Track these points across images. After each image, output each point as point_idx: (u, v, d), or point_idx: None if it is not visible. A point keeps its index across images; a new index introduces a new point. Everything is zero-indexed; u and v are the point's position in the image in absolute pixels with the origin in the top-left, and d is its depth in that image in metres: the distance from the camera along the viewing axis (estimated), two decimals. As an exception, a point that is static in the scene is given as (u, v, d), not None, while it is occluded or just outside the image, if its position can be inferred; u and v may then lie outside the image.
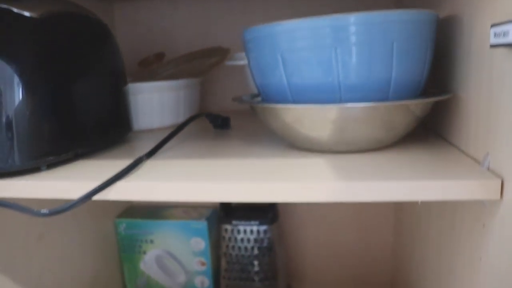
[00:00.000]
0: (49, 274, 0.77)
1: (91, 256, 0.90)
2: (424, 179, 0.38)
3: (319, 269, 1.02)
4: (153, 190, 0.42)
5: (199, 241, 0.94)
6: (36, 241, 0.74)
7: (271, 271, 0.91)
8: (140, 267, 0.99)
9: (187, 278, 0.97)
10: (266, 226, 0.90)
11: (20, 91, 0.46)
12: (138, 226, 0.96)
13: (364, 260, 1.00)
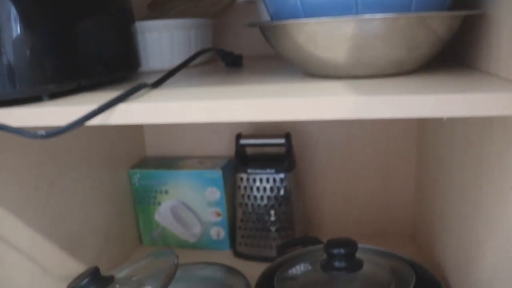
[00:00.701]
0: (61, 221, 0.76)
1: (105, 207, 0.89)
2: (450, 93, 0.35)
3: (337, 219, 1.00)
4: (160, 111, 0.39)
5: (215, 191, 0.92)
6: (48, 187, 0.73)
7: (288, 221, 0.89)
8: (155, 218, 0.98)
9: (202, 229, 0.96)
10: (283, 174, 0.87)
11: (21, 17, 0.43)
12: (152, 176, 0.95)
13: (384, 211, 0.97)
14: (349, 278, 0.62)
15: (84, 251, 0.81)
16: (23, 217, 0.68)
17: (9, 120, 0.43)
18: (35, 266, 0.70)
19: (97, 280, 0.63)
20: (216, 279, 0.74)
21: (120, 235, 0.94)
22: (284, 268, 0.68)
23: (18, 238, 0.67)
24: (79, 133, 0.80)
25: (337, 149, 0.95)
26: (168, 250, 0.70)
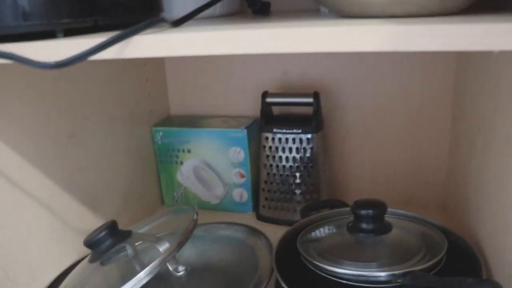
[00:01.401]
0: (80, 175, 0.74)
1: (127, 164, 0.87)
2: (502, 22, 0.31)
3: (364, 185, 0.96)
4: (180, 43, 0.35)
5: (239, 151, 0.89)
6: (67, 140, 0.71)
7: (313, 185, 0.85)
8: (177, 178, 0.96)
9: (225, 191, 0.94)
10: (310, 134, 0.83)
11: None
12: (175, 134, 0.92)
13: (414, 177, 0.93)
14: (376, 241, 0.59)
15: (104, 207, 0.80)
16: (43, 168, 0.66)
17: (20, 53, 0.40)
18: (54, 219, 0.69)
19: (115, 234, 0.61)
20: (238, 239, 0.72)
21: (141, 194, 0.92)
22: (308, 230, 0.66)
23: (37, 189, 0.65)
24: (100, 86, 0.78)
25: (367, 111, 0.91)
26: (188, 206, 0.68)
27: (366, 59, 0.88)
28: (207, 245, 0.70)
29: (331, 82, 0.91)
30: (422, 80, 0.86)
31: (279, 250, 0.61)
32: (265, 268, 0.60)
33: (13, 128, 0.61)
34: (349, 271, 0.53)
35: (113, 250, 0.61)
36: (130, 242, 0.62)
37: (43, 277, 0.67)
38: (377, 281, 0.53)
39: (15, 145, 0.61)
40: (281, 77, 0.93)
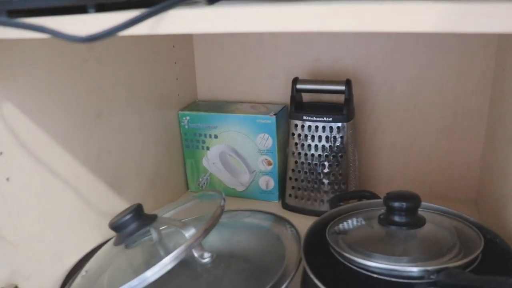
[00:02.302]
0: (107, 156, 0.73)
1: (153, 148, 0.86)
2: None
3: (394, 178, 0.93)
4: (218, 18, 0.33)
5: (266, 138, 0.87)
6: (95, 120, 0.70)
7: (342, 175, 0.83)
8: (202, 164, 0.95)
9: (251, 178, 0.92)
10: (340, 123, 0.81)
11: None
12: (202, 119, 0.91)
13: (446, 172, 0.90)
14: (408, 235, 0.57)
15: (129, 190, 0.79)
16: (70, 147, 0.65)
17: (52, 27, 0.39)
18: (80, 199, 0.68)
19: (140, 217, 0.61)
20: (263, 227, 0.70)
21: (166, 179, 0.91)
22: (337, 221, 0.64)
23: (64, 169, 0.65)
24: (129, 68, 0.77)
25: (400, 102, 0.88)
26: (214, 192, 0.67)
27: (401, 48, 0.85)
28: (232, 233, 0.69)
29: (363, 70, 0.89)
30: (459, 71, 0.83)
31: (307, 240, 0.59)
32: (292, 258, 0.59)
33: (42, 107, 0.60)
34: (380, 264, 0.51)
35: (138, 234, 0.60)
36: (155, 226, 0.61)
37: (68, 257, 0.67)
38: (409, 276, 0.51)
39: (44, 124, 0.61)
40: (313, 63, 0.91)
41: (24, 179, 0.58)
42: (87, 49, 0.67)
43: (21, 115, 0.57)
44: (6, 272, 0.57)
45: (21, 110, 0.57)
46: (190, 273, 0.58)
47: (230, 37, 0.95)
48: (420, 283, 0.50)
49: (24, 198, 0.58)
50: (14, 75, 0.55)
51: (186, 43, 0.96)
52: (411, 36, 0.83)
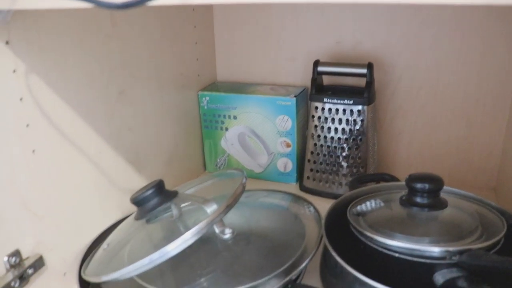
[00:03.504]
0: (128, 134, 0.74)
1: (172, 127, 0.86)
2: None
3: (412, 164, 0.93)
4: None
5: (286, 120, 0.87)
6: (117, 96, 0.70)
7: (361, 158, 0.83)
8: (221, 144, 0.95)
9: (269, 160, 0.92)
10: (361, 106, 0.81)
11: None
12: (221, 100, 0.91)
13: (465, 160, 0.89)
14: (430, 217, 0.57)
15: (148, 169, 0.80)
16: (92, 124, 0.66)
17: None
18: (101, 175, 0.69)
19: (161, 192, 0.61)
20: (283, 206, 0.70)
21: (184, 159, 0.92)
22: (357, 202, 0.64)
23: (86, 144, 0.65)
24: (150, 47, 0.77)
25: (421, 86, 0.87)
26: (235, 171, 0.67)
27: (423, 32, 0.84)
28: (251, 211, 0.69)
29: (385, 54, 0.88)
30: (482, 57, 0.82)
31: (328, 219, 0.59)
32: (312, 237, 0.59)
33: (67, 81, 0.61)
34: (402, 243, 0.51)
35: (159, 209, 0.61)
36: (176, 203, 0.62)
37: (89, 232, 0.68)
38: (431, 256, 0.51)
39: (69, 98, 0.61)
40: (334, 46, 0.91)
41: (49, 152, 0.59)
42: (111, 25, 0.68)
43: (47, 88, 0.57)
44: (32, 242, 0.58)
45: (47, 83, 0.57)
46: (210, 249, 0.59)
47: (251, 18, 0.95)
48: (441, 264, 0.50)
49: (48, 170, 0.59)
50: (41, 46, 0.56)
51: (207, 24, 0.96)
52: (434, 20, 0.82)
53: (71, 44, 0.61)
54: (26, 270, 0.56)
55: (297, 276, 0.55)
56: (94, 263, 0.61)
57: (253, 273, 0.53)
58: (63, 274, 0.64)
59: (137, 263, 0.51)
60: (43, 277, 0.60)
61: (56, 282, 0.63)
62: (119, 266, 0.53)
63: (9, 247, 0.55)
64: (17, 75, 0.53)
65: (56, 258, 0.62)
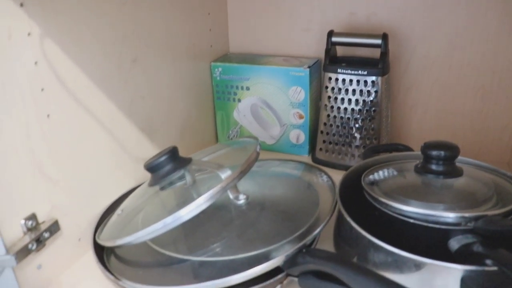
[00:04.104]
0: (141, 102, 0.74)
1: (184, 97, 0.86)
2: None
3: (425, 137, 0.91)
4: None
5: (299, 91, 0.86)
6: (130, 64, 0.70)
7: (374, 130, 0.83)
8: (233, 116, 0.95)
9: (281, 131, 0.92)
10: (375, 77, 0.80)
11: None
12: (234, 71, 0.90)
13: (479, 134, 0.88)
14: (445, 184, 0.57)
15: (161, 138, 0.80)
16: (106, 90, 0.66)
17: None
18: (114, 143, 0.69)
19: (175, 159, 0.61)
20: (295, 175, 0.70)
21: (196, 130, 0.92)
22: (372, 170, 0.63)
23: (100, 111, 0.65)
24: (164, 15, 0.77)
25: (437, 58, 0.86)
26: (249, 138, 0.67)
27: (439, 4, 0.82)
28: (264, 179, 0.69)
29: (400, 26, 0.87)
30: (498, 30, 0.80)
31: (341, 188, 0.59)
32: (326, 204, 0.59)
33: (81, 47, 0.60)
34: (417, 209, 0.51)
35: (173, 176, 0.61)
36: (190, 170, 0.62)
37: (103, 199, 0.68)
38: (446, 222, 0.50)
39: (83, 64, 0.61)
40: (348, 17, 0.89)
41: (63, 117, 0.59)
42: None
43: (61, 53, 0.57)
44: (47, 206, 0.58)
45: (61, 48, 0.57)
46: (225, 215, 0.59)
47: (264, -11, 0.94)
48: (456, 230, 0.50)
49: (63, 136, 0.59)
50: (55, 10, 0.55)
51: (220, -6, 0.95)
52: (451, -10, 0.81)
53: (85, 9, 0.60)
54: (42, 233, 0.57)
55: (311, 242, 0.55)
56: (108, 229, 0.61)
57: (267, 238, 0.53)
58: (78, 239, 0.64)
59: (151, 227, 0.51)
60: (58, 242, 0.61)
61: (71, 247, 0.63)
62: (133, 230, 0.53)
63: (25, 210, 0.55)
64: (32, 38, 0.53)
65: (71, 224, 0.62)
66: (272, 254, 0.50)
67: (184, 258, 0.54)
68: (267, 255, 0.50)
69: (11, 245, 0.53)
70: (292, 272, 0.51)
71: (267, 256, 0.50)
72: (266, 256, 0.50)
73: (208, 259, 0.53)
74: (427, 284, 0.47)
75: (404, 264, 0.47)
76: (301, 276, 0.50)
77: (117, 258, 0.60)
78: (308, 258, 0.49)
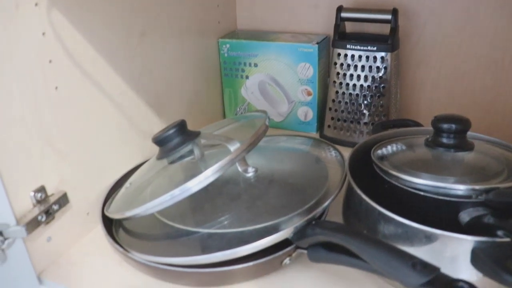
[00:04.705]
0: (148, 76, 0.73)
1: (192, 74, 0.85)
2: None
3: (436, 113, 0.89)
4: None
5: (307, 67, 0.86)
6: (138, 38, 0.70)
7: (383, 107, 0.82)
8: (241, 93, 0.94)
9: (289, 109, 0.91)
10: (385, 53, 0.79)
11: None
12: (242, 47, 0.90)
13: (490, 112, 0.87)
14: (456, 157, 0.56)
15: (169, 113, 0.79)
16: (114, 63, 0.65)
17: None
18: (122, 116, 0.69)
19: (184, 131, 0.61)
20: (303, 149, 0.70)
21: (203, 107, 0.91)
22: (381, 144, 0.63)
23: (107, 84, 0.65)
24: (172, -12, 0.76)
25: (447, 33, 0.85)
26: (257, 112, 0.66)
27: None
28: (273, 153, 0.69)
29: (409, 0, 0.85)
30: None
31: (352, 160, 0.59)
32: (335, 178, 0.58)
33: (89, 19, 0.60)
34: (428, 182, 0.51)
35: (181, 149, 0.61)
36: (199, 142, 0.61)
37: (111, 173, 0.68)
38: (457, 195, 0.50)
39: (91, 36, 0.61)
40: (357, -8, 0.88)
41: (71, 90, 0.59)
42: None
43: (68, 25, 0.57)
44: (56, 179, 0.58)
45: (69, 20, 0.57)
46: (233, 188, 0.59)
47: (272, -36, 0.92)
48: (467, 202, 0.50)
49: (70, 108, 0.59)
50: (62, -19, 0.55)
51: (227, -30, 0.94)
52: (463, -37, 0.80)
53: (92, -20, 0.60)
54: (52, 206, 0.57)
55: (321, 214, 0.54)
56: (117, 202, 0.61)
57: (276, 211, 0.53)
58: (86, 213, 0.65)
59: (159, 199, 0.51)
60: (67, 215, 0.61)
61: (80, 221, 0.63)
62: (141, 203, 0.53)
63: (34, 182, 0.55)
64: (39, 8, 0.52)
65: (79, 197, 0.63)
66: (281, 226, 0.50)
67: (193, 230, 0.54)
68: (276, 227, 0.50)
69: (21, 216, 0.53)
70: (301, 245, 0.51)
71: (276, 228, 0.50)
72: (275, 228, 0.50)
73: (217, 231, 0.53)
74: (438, 256, 0.46)
75: (415, 236, 0.47)
76: (310, 248, 0.50)
77: (126, 231, 0.60)
78: (318, 229, 0.49)
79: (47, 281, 0.57)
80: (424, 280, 0.39)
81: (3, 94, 0.49)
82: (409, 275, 0.40)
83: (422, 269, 0.40)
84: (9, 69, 0.50)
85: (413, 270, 0.40)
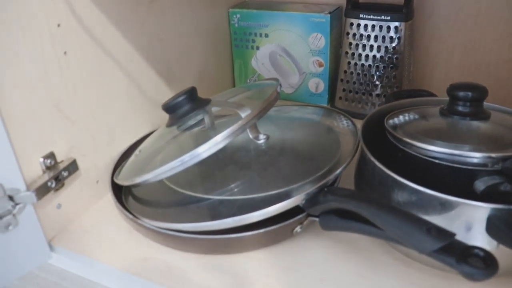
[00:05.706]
0: (158, 45, 0.72)
1: (203, 43, 0.84)
2: None
3: (449, 86, 0.90)
4: None
5: (319, 38, 0.84)
6: (148, 5, 0.68)
7: (396, 78, 0.80)
8: (251, 64, 0.93)
9: (300, 80, 0.90)
10: (399, 23, 0.77)
11: None
12: (253, 17, 0.88)
13: (506, 84, 0.85)
14: (472, 126, 0.55)
15: (178, 82, 0.78)
16: (123, 30, 0.64)
17: None
18: (132, 85, 0.68)
19: (194, 98, 0.60)
20: (315, 118, 0.69)
21: (214, 77, 0.90)
22: (394, 113, 0.62)
23: (117, 50, 0.64)
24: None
25: (463, 4, 0.83)
26: (268, 80, 0.65)
27: None
28: (284, 122, 0.68)
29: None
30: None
31: (364, 130, 0.58)
32: (347, 146, 0.57)
33: (96, -18, 0.59)
34: (443, 149, 0.50)
35: (191, 116, 0.60)
36: (209, 110, 0.60)
37: (120, 142, 0.67)
38: (472, 163, 0.49)
39: (99, 2, 0.59)
40: (371, -39, 0.86)
41: (80, 55, 0.58)
42: None
43: (77, -12, 0.56)
44: (66, 146, 0.58)
45: (77, -17, 0.56)
46: (245, 155, 0.58)
47: None
48: (483, 171, 0.49)
49: (80, 74, 0.58)
50: None
51: None
52: None
53: None
54: (61, 172, 0.57)
55: (333, 182, 0.54)
56: (126, 169, 0.61)
57: (288, 178, 0.53)
58: (96, 182, 0.64)
59: (169, 165, 0.51)
60: (77, 182, 0.61)
61: (89, 189, 0.63)
62: (151, 169, 0.53)
63: (44, 148, 0.55)
64: (48, -30, 0.51)
65: (89, 165, 0.62)
66: (293, 193, 0.50)
67: (203, 197, 0.54)
68: (287, 194, 0.50)
69: (31, 182, 0.53)
70: (313, 212, 0.50)
71: (288, 195, 0.50)
72: (286, 195, 0.50)
73: (227, 197, 0.52)
74: (452, 224, 0.46)
75: (429, 204, 0.46)
76: (322, 216, 0.50)
77: (135, 199, 0.60)
78: (330, 196, 0.48)
79: (58, 248, 0.57)
80: (438, 245, 0.39)
81: (10, 56, 0.49)
82: (423, 241, 0.39)
83: (437, 234, 0.39)
84: (17, 30, 0.49)
85: (428, 235, 0.39)
